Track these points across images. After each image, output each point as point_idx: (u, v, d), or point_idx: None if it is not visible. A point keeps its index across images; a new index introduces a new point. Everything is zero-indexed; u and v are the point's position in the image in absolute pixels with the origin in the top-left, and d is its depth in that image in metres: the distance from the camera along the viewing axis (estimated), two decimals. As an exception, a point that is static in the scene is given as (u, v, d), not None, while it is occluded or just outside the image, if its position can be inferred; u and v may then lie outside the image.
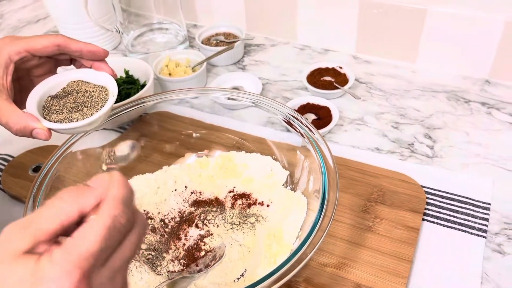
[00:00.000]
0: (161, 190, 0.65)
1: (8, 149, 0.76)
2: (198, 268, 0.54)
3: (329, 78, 0.86)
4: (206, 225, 0.60)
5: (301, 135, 0.59)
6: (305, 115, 0.77)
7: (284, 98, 0.85)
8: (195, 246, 0.58)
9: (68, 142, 0.59)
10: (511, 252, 0.57)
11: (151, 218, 0.61)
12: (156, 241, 0.59)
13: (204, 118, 0.77)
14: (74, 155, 0.60)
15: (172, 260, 0.56)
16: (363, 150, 0.73)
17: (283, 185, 0.64)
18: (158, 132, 0.75)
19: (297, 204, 0.59)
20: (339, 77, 0.85)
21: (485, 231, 0.59)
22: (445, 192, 0.64)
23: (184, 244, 0.58)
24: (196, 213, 0.62)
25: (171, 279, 0.52)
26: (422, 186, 0.65)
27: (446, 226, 0.60)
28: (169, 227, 0.60)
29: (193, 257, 0.56)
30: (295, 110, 0.72)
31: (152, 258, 0.57)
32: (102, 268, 0.28)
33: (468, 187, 0.65)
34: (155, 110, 0.78)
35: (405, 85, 0.85)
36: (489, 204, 0.62)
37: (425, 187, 0.65)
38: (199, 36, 0.96)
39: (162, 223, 0.61)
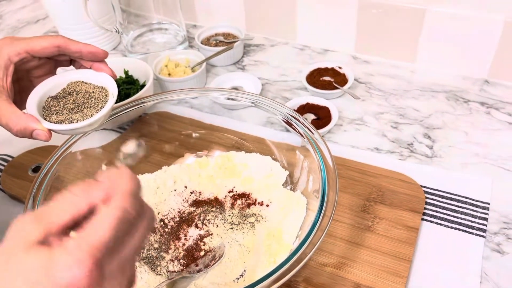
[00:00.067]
0: (160, 190, 0.65)
1: (8, 149, 0.76)
2: (197, 268, 0.54)
3: (329, 78, 0.86)
4: (206, 225, 0.60)
5: (301, 135, 0.59)
6: (304, 115, 0.78)
7: (283, 98, 0.85)
8: (195, 246, 0.58)
9: (68, 143, 0.59)
10: (510, 252, 0.57)
11: (151, 218, 0.62)
12: (156, 241, 0.59)
13: (204, 118, 0.77)
14: (74, 155, 0.60)
15: (171, 260, 0.56)
16: (363, 150, 0.73)
17: (283, 185, 0.64)
18: (157, 132, 0.75)
19: (296, 204, 0.60)
20: (338, 77, 0.85)
21: (484, 231, 0.59)
22: (444, 192, 0.64)
23: (183, 244, 0.58)
24: (195, 213, 0.62)
25: (171, 279, 0.52)
26: (422, 186, 0.65)
27: (445, 226, 0.60)
28: (169, 227, 0.60)
29: (192, 257, 0.56)
30: (294, 110, 0.72)
31: (152, 258, 0.57)
32: (113, 258, 0.29)
33: (467, 187, 0.65)
34: (155, 110, 0.78)
35: (405, 85, 0.86)
36: (488, 203, 0.62)
37: (425, 187, 0.65)
38: (199, 36, 0.96)
39: (162, 223, 0.61)
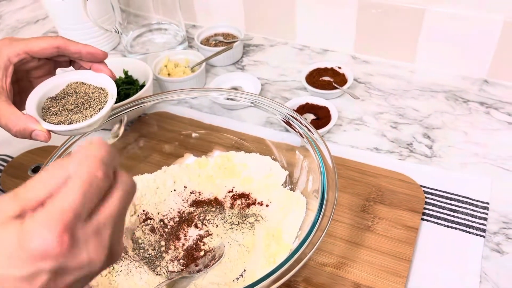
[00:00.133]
0: (160, 190, 0.65)
1: (8, 149, 0.76)
2: (197, 268, 0.54)
3: (328, 78, 0.86)
4: (206, 225, 0.60)
5: (300, 135, 0.59)
6: (304, 115, 0.78)
7: (283, 98, 0.85)
8: (195, 246, 0.58)
9: (67, 143, 0.59)
10: (509, 251, 0.57)
11: (151, 218, 0.62)
12: (156, 241, 0.59)
13: (203, 118, 0.77)
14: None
15: (171, 260, 0.56)
16: (362, 150, 0.73)
17: (282, 185, 0.64)
18: (157, 133, 0.75)
19: (296, 204, 0.60)
20: (338, 77, 0.85)
21: (484, 231, 0.59)
22: (443, 192, 0.65)
23: (183, 244, 0.58)
24: (195, 213, 0.62)
25: (171, 279, 0.52)
26: (421, 186, 0.65)
27: (445, 226, 0.60)
28: (169, 227, 0.61)
29: (192, 257, 0.56)
30: (294, 110, 0.72)
31: (151, 258, 0.57)
32: (86, 223, 0.29)
33: (466, 187, 0.65)
34: (154, 111, 0.78)
35: (404, 85, 0.86)
36: (487, 203, 0.62)
37: (424, 187, 0.65)
38: (198, 36, 0.96)
39: (162, 223, 0.61)
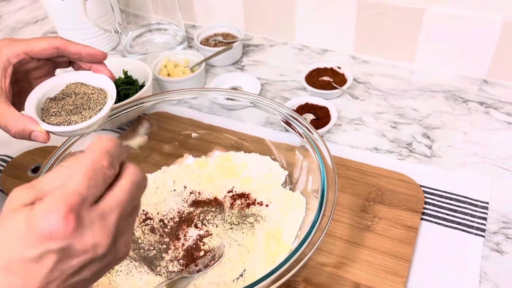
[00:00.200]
0: (160, 191, 0.65)
1: (7, 150, 0.76)
2: (197, 268, 0.54)
3: (328, 78, 0.86)
4: (205, 225, 0.60)
5: (300, 135, 0.59)
6: (303, 115, 0.78)
7: (282, 98, 0.85)
8: (194, 246, 0.58)
9: (67, 143, 0.59)
10: (509, 251, 0.57)
11: (150, 219, 0.62)
12: (156, 241, 0.59)
13: (203, 118, 0.77)
14: (73, 155, 0.60)
15: (171, 260, 0.56)
16: (362, 150, 0.73)
17: (282, 185, 0.64)
18: (157, 133, 0.75)
19: (296, 203, 0.60)
20: (337, 77, 0.86)
21: (483, 230, 0.59)
22: (443, 192, 0.65)
23: (183, 244, 0.58)
24: (195, 213, 0.62)
25: (171, 279, 0.52)
26: (421, 186, 0.65)
27: (444, 226, 0.60)
28: (168, 227, 0.61)
29: (192, 257, 0.56)
30: (293, 110, 0.72)
31: (151, 258, 0.57)
32: (92, 208, 0.30)
33: (466, 187, 0.65)
34: (154, 111, 0.78)
35: (403, 85, 0.86)
36: (487, 203, 0.63)
37: (424, 187, 0.65)
38: (198, 36, 0.96)
39: (161, 223, 0.61)
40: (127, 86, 0.82)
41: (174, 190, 0.65)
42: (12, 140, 0.52)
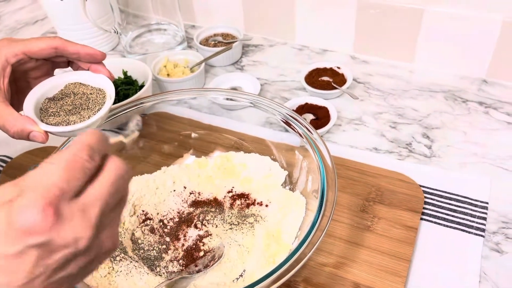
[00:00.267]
0: (160, 191, 0.65)
1: (7, 150, 0.76)
2: (197, 268, 0.54)
3: (327, 78, 0.86)
4: (205, 226, 0.60)
5: (300, 135, 0.59)
6: (303, 115, 0.78)
7: (282, 98, 0.85)
8: (194, 246, 0.58)
9: (66, 143, 0.59)
10: (509, 251, 0.57)
11: (150, 219, 0.62)
12: (155, 242, 0.59)
13: (203, 118, 0.77)
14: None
15: (171, 261, 0.56)
16: (361, 150, 0.73)
17: (282, 185, 0.64)
18: (156, 133, 0.75)
19: (295, 204, 0.60)
20: (337, 77, 0.86)
21: (483, 230, 0.59)
22: (443, 192, 0.65)
23: (183, 245, 0.58)
24: (195, 214, 0.62)
25: (170, 279, 0.52)
26: (420, 186, 0.65)
27: (444, 226, 0.60)
28: (168, 227, 0.60)
29: (192, 258, 0.56)
30: (293, 110, 0.72)
31: (151, 259, 0.57)
32: (72, 201, 0.30)
33: (466, 187, 0.65)
34: (154, 111, 0.78)
35: (403, 85, 0.86)
36: (487, 203, 0.63)
37: (423, 187, 0.65)
38: (197, 36, 0.96)
39: (161, 223, 0.61)
40: (126, 86, 0.82)
41: (174, 191, 0.65)
42: (11, 140, 0.52)
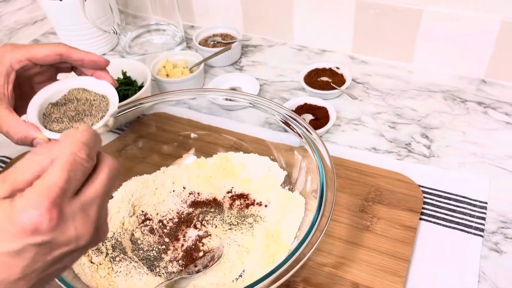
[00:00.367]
0: (159, 191, 0.65)
1: (6, 151, 0.76)
2: (196, 268, 0.54)
3: (326, 79, 0.86)
4: (205, 226, 0.60)
5: (299, 135, 0.59)
6: (302, 115, 0.78)
7: (281, 98, 0.85)
8: (194, 246, 0.58)
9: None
10: (508, 251, 0.58)
11: (150, 219, 0.62)
12: (155, 242, 0.59)
13: (202, 119, 0.77)
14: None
15: (170, 261, 0.56)
16: (361, 150, 0.73)
17: (281, 185, 0.64)
18: (156, 133, 0.75)
19: (295, 204, 0.60)
20: (336, 77, 0.86)
21: (482, 230, 0.59)
22: (442, 192, 0.65)
23: (182, 245, 0.58)
24: (194, 214, 0.62)
25: (170, 279, 0.52)
26: (419, 186, 0.65)
27: (443, 225, 0.61)
28: (168, 228, 0.61)
29: (191, 258, 0.57)
30: (292, 110, 0.72)
31: (150, 259, 0.57)
32: (73, 200, 0.31)
33: (465, 186, 0.65)
34: (153, 111, 0.78)
35: (402, 85, 0.86)
36: (485, 203, 0.63)
37: (422, 187, 0.65)
38: (196, 37, 0.96)
39: (161, 224, 0.61)
40: (126, 87, 0.82)
41: (173, 191, 0.65)
42: (11, 142, 0.52)
